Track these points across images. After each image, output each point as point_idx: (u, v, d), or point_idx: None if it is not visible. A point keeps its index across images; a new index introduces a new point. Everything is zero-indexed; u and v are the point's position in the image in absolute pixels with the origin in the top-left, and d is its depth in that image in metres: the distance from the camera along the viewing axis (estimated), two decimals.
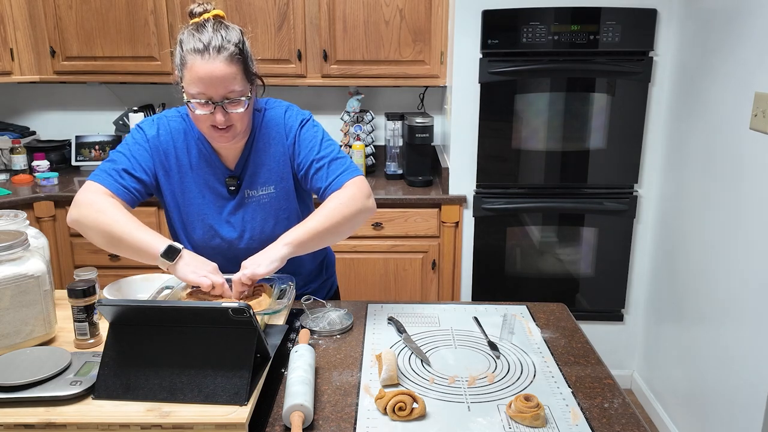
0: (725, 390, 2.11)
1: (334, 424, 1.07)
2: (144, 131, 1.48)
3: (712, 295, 2.21)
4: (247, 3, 2.74)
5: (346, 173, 1.45)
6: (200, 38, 1.32)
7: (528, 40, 2.51)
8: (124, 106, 3.19)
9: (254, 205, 1.51)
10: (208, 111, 1.35)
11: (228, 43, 1.32)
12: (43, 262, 1.26)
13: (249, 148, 1.49)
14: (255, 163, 1.49)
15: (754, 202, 1.95)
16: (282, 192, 1.51)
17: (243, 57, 1.35)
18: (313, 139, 1.48)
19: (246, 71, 1.37)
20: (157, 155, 1.48)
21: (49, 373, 1.07)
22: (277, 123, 1.50)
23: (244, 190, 1.50)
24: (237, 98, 1.35)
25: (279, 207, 1.52)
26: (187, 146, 1.49)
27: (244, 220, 1.51)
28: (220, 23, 1.36)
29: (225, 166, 1.50)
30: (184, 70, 1.34)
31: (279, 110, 1.52)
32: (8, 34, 2.78)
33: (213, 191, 1.50)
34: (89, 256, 2.76)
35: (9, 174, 2.96)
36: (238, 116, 1.37)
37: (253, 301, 1.31)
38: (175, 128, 1.49)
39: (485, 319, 1.48)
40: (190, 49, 1.32)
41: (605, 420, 1.09)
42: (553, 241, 2.77)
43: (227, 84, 1.32)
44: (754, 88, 1.95)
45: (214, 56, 1.30)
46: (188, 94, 1.35)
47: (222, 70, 1.31)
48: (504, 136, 2.63)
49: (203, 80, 1.31)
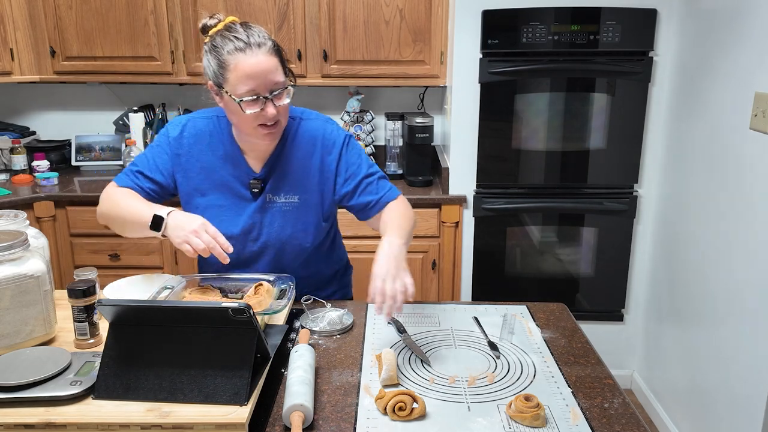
0: (725, 390, 2.11)
1: (334, 424, 1.07)
2: (168, 132, 1.53)
3: (712, 295, 2.21)
4: (247, 3, 2.74)
5: (394, 190, 1.55)
6: (238, 37, 1.34)
7: (528, 40, 2.51)
8: (124, 106, 3.19)
9: (275, 211, 1.51)
10: (259, 108, 1.36)
11: (265, 38, 1.36)
12: (43, 262, 1.26)
13: (278, 152, 1.50)
14: (282, 170, 1.50)
15: (754, 202, 1.95)
16: (305, 203, 1.52)
17: (279, 50, 1.39)
18: (360, 156, 1.53)
19: (283, 64, 1.40)
20: (176, 157, 1.51)
21: (49, 373, 1.07)
22: (314, 135, 1.51)
23: (266, 194, 1.51)
24: (282, 89, 1.38)
25: (298, 217, 1.52)
26: (213, 147, 1.51)
27: (262, 224, 1.51)
28: (246, 24, 1.39)
29: (251, 168, 1.50)
30: (227, 73, 1.35)
31: (318, 122, 1.53)
32: (8, 34, 2.78)
33: (234, 192, 1.51)
34: (89, 256, 2.76)
35: (9, 174, 2.96)
36: (284, 109, 1.40)
37: (253, 301, 1.31)
38: (202, 129, 1.52)
39: (485, 319, 1.48)
40: (231, 50, 1.34)
41: (605, 420, 1.09)
42: (553, 241, 2.77)
43: (272, 75, 1.35)
44: (754, 88, 1.95)
45: (256, 50, 1.34)
46: (236, 95, 1.36)
47: (267, 62, 1.34)
48: (504, 136, 2.63)
49: (251, 75, 1.33)
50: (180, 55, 2.81)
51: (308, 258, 1.58)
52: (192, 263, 2.75)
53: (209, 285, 1.41)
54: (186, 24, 2.77)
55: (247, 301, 1.23)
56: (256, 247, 1.53)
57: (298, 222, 1.52)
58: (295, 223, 1.52)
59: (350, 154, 1.52)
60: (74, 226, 2.73)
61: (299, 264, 1.57)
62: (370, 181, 1.52)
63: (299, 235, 1.53)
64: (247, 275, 1.45)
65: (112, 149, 3.13)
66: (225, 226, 1.49)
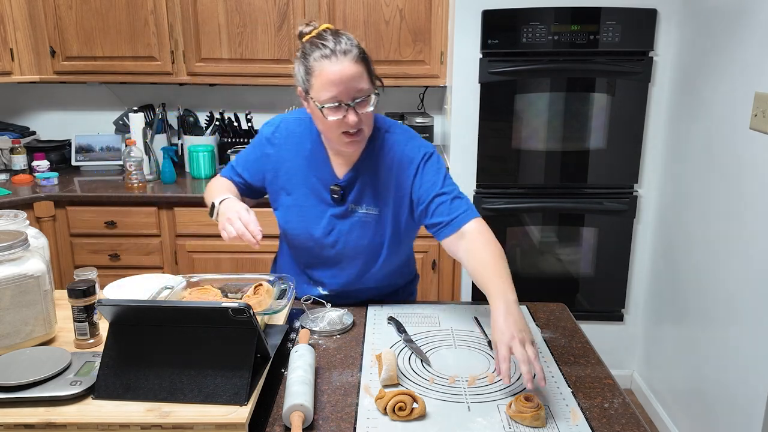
0: (725, 390, 2.11)
1: (334, 424, 1.07)
2: (262, 132, 1.58)
3: (712, 295, 2.21)
4: (247, 3, 2.74)
5: (469, 212, 1.45)
6: (326, 44, 1.35)
7: (528, 40, 2.51)
8: (124, 106, 3.19)
9: (355, 221, 1.51)
10: (341, 115, 1.36)
11: (352, 46, 1.36)
12: (43, 262, 1.26)
13: (362, 161, 1.50)
14: (364, 180, 1.50)
15: (754, 202, 1.95)
16: (384, 216, 1.51)
17: (365, 58, 1.39)
18: (437, 173, 1.49)
19: (369, 71, 1.39)
20: (266, 156, 1.56)
21: (49, 373, 1.07)
22: (398, 149, 1.50)
23: (348, 203, 1.51)
24: (365, 97, 1.37)
25: (377, 230, 1.52)
26: (301, 148, 1.52)
27: (340, 231, 1.52)
28: (335, 32, 1.39)
29: (335, 173, 1.51)
30: (313, 79, 1.36)
31: (403, 137, 1.53)
32: (8, 34, 2.78)
33: (317, 196, 1.52)
34: (89, 256, 2.76)
35: (9, 174, 2.96)
36: (367, 117, 1.40)
37: (253, 301, 1.31)
38: (292, 130, 1.54)
39: (485, 319, 1.48)
40: (318, 57, 1.35)
41: (605, 420, 1.09)
42: (553, 241, 2.77)
43: (356, 83, 1.35)
44: (754, 88, 1.95)
45: (341, 58, 1.34)
46: (319, 101, 1.36)
47: (350, 69, 1.34)
48: (504, 136, 2.63)
49: (334, 82, 1.33)
50: (180, 55, 2.81)
51: (381, 270, 1.57)
52: (191, 263, 2.75)
53: (209, 285, 1.41)
54: (186, 24, 2.77)
55: (247, 301, 1.23)
56: (332, 253, 1.54)
57: (377, 235, 1.52)
58: (374, 236, 1.52)
59: (426, 172, 1.49)
60: (74, 226, 2.73)
61: (372, 275, 1.56)
62: (442, 201, 1.46)
63: (376, 248, 1.53)
64: (247, 275, 1.45)
65: (112, 149, 3.13)
66: (306, 227, 1.51)
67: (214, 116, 3.05)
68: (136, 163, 2.77)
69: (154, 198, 2.71)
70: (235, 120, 3.07)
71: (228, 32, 2.78)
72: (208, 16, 2.76)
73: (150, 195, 2.72)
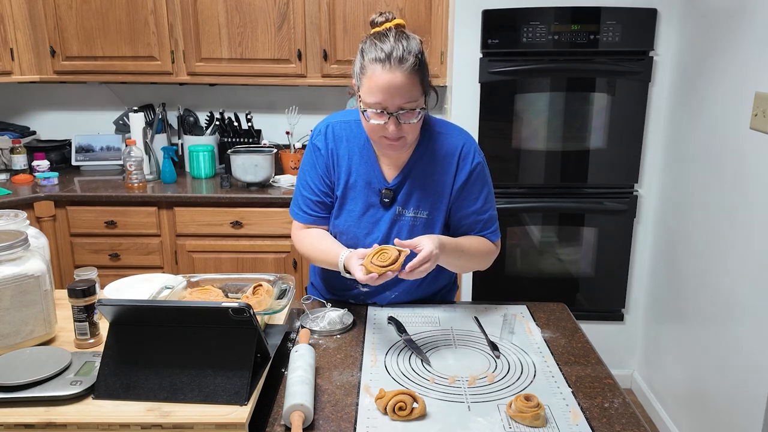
0: (725, 390, 2.11)
1: (334, 424, 1.07)
2: (316, 146, 1.52)
3: (712, 295, 2.21)
4: (247, 3, 2.74)
5: (495, 233, 1.55)
6: (383, 48, 1.31)
7: (528, 40, 2.51)
8: (124, 106, 3.19)
9: (403, 225, 1.50)
10: (382, 121, 1.34)
11: (409, 54, 1.31)
12: (43, 262, 1.26)
13: (412, 163, 1.48)
14: (414, 183, 1.48)
15: (754, 202, 1.95)
16: (432, 219, 1.50)
17: (422, 68, 1.35)
18: (482, 188, 1.50)
19: (422, 82, 1.36)
20: (328, 167, 1.52)
21: (49, 373, 1.07)
22: (450, 152, 1.48)
23: (397, 207, 1.49)
24: (411, 109, 1.34)
25: (425, 234, 1.48)
26: (350, 152, 1.50)
27: (388, 235, 1.50)
28: (401, 33, 1.35)
29: (384, 176, 1.49)
30: (363, 79, 1.34)
31: (456, 140, 1.49)
32: (8, 34, 2.78)
33: (366, 199, 1.50)
34: (89, 256, 2.76)
35: (9, 174, 2.96)
36: (410, 128, 1.37)
37: (253, 301, 1.31)
38: (339, 135, 1.51)
39: (485, 319, 1.48)
40: (372, 59, 1.32)
41: (605, 420, 1.09)
42: (553, 241, 2.77)
43: (404, 94, 1.32)
44: (754, 88, 1.95)
45: (395, 66, 1.30)
46: (365, 103, 1.35)
47: (401, 80, 1.30)
48: (504, 136, 2.63)
49: (382, 89, 1.31)
50: (180, 55, 2.81)
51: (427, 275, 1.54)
52: (191, 263, 2.75)
53: (210, 285, 1.41)
54: (186, 24, 2.77)
55: (247, 301, 1.23)
56: None
57: None
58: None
59: (474, 183, 1.49)
60: (74, 226, 2.73)
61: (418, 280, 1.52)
62: (477, 220, 1.51)
63: None
64: (248, 275, 1.45)
65: (112, 149, 3.13)
66: (351, 227, 1.50)
67: (214, 116, 3.05)
68: (136, 162, 2.77)
69: (154, 198, 2.71)
70: (235, 120, 3.07)
71: (228, 32, 2.78)
72: (208, 16, 2.76)
73: (150, 195, 2.72)
